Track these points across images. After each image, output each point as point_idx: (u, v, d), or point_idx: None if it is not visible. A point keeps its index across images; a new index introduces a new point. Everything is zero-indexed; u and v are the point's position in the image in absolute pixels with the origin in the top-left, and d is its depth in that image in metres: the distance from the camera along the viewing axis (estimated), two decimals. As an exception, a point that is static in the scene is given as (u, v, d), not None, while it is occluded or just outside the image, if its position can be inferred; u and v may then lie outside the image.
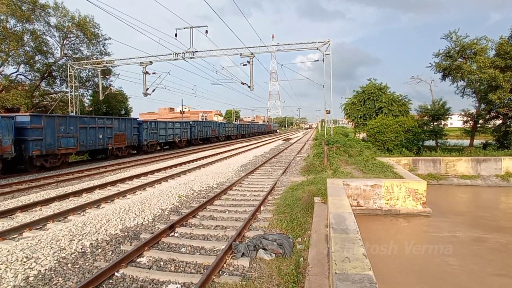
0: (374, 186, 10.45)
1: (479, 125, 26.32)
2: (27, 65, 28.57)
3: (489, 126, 25.97)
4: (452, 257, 7.40)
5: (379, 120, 24.60)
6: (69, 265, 5.43)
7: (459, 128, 30.48)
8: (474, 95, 26.27)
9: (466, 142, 28.54)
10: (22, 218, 8.19)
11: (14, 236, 6.83)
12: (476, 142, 27.51)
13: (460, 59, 25.50)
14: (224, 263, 5.44)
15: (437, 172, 17.15)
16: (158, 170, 15.95)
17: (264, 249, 5.81)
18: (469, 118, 26.76)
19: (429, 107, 28.33)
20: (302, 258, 5.49)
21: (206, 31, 22.10)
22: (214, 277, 4.92)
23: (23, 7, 25.67)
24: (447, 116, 28.33)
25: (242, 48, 22.76)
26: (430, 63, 27.32)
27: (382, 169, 12.85)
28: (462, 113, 27.42)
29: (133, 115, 43.78)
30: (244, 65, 23.30)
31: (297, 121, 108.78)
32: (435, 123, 27.61)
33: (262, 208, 8.94)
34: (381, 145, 23.46)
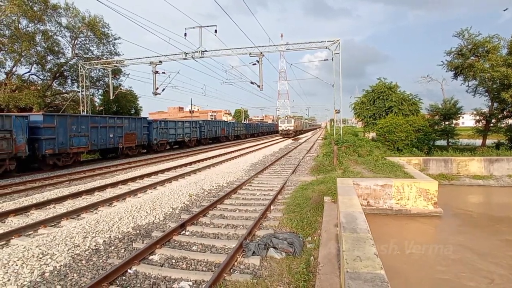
0: (385, 186, 10.37)
1: (491, 125, 25.87)
2: (39, 65, 29.06)
3: (502, 125, 25.50)
4: (464, 258, 7.30)
5: (389, 119, 24.38)
6: (83, 261, 5.54)
7: (471, 128, 30.00)
8: (486, 94, 25.82)
9: (478, 142, 28.09)
10: (37, 215, 8.39)
11: (30, 233, 7.00)
12: (489, 141, 27.03)
13: (472, 57, 25.09)
14: (235, 262, 5.48)
15: (449, 172, 16.91)
16: (168, 169, 16.10)
17: (274, 248, 5.83)
18: (481, 117, 26.33)
19: (440, 106, 27.95)
20: (312, 257, 5.49)
21: (215, 31, 22.17)
22: (225, 275, 4.97)
23: (34, 8, 26.08)
24: (459, 115, 27.92)
25: (251, 47, 22.78)
26: (441, 61, 27.00)
27: (392, 169, 12.74)
28: (474, 112, 26.99)
29: (142, 114, 44.20)
30: (253, 64, 23.32)
31: (307, 120, 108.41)
32: (447, 123, 27.22)
33: (272, 207, 8.96)
34: (391, 144, 23.25)
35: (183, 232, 7.07)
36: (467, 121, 41.41)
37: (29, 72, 29.05)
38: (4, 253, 5.64)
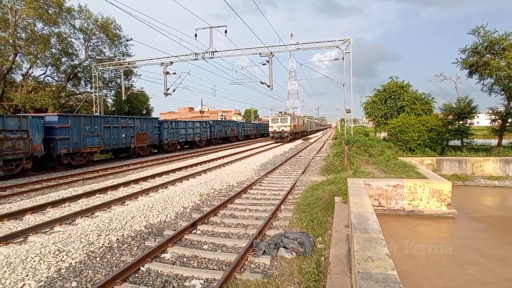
0: (396, 186, 10.25)
1: (508, 124, 25.23)
2: (54, 67, 29.74)
3: (519, 125, 24.85)
4: (479, 262, 7.16)
5: (401, 119, 24.03)
6: (98, 258, 5.67)
7: (486, 127, 29.31)
8: (502, 92, 25.17)
9: (494, 141, 27.43)
10: (52, 213, 8.60)
11: (46, 230, 7.19)
12: (505, 141, 26.38)
13: (488, 55, 24.51)
14: (246, 261, 5.52)
15: (463, 172, 16.59)
16: (179, 169, 16.26)
17: (285, 247, 5.84)
18: (497, 117, 25.67)
19: (454, 105, 27.34)
20: (323, 257, 5.48)
21: (225, 31, 22.26)
22: (236, 274, 5.01)
23: (49, 11, 26.66)
24: (473, 114, 27.30)
25: (261, 47, 22.80)
26: (456, 59, 26.43)
27: (404, 169, 12.57)
28: (490, 111, 26.34)
29: (153, 114, 44.75)
30: (263, 64, 23.33)
31: (317, 119, 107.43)
32: (461, 122, 26.65)
33: (282, 207, 8.97)
34: (403, 144, 22.92)
35: (194, 231, 7.15)
36: (482, 120, 40.50)
37: (44, 73, 29.83)
38: (22, 249, 5.81)
